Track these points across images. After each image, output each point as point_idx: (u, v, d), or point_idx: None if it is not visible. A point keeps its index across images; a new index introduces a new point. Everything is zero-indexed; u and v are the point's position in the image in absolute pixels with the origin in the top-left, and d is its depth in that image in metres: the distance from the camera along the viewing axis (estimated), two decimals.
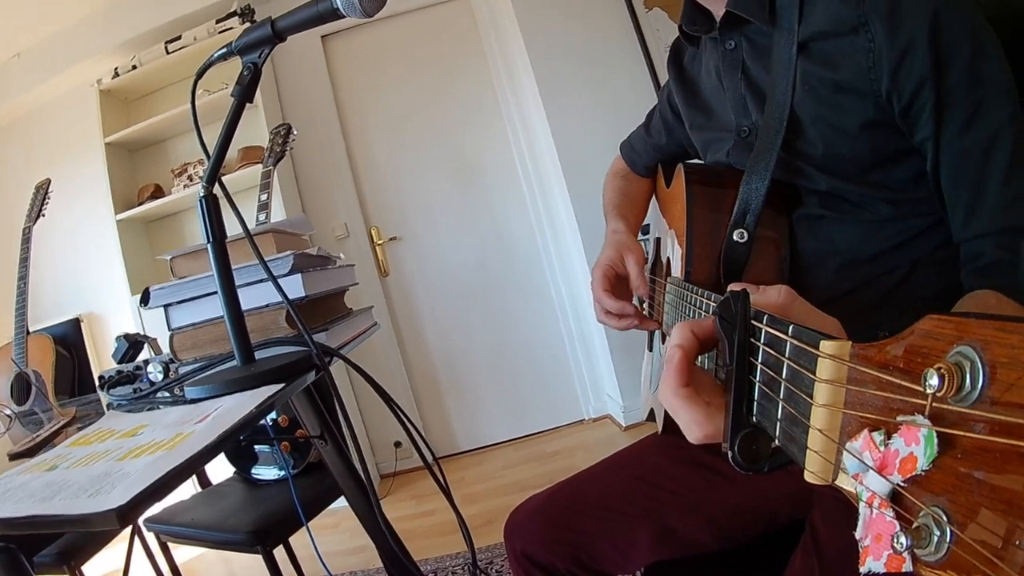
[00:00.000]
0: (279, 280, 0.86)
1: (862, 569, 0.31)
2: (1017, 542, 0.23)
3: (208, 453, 0.55)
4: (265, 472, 1.81)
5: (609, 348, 3.13)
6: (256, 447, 1.81)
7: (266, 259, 0.87)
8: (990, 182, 0.72)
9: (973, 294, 0.71)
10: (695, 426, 0.51)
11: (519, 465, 3.15)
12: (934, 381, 0.27)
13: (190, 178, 3.27)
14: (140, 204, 3.29)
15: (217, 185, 0.88)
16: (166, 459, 0.53)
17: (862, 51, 0.75)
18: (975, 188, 0.74)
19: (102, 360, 3.21)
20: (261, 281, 0.99)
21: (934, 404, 0.28)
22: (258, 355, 0.89)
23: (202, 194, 0.83)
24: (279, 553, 1.61)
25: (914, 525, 0.28)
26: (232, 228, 0.92)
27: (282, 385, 0.73)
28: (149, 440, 0.63)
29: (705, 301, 0.71)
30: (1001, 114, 0.72)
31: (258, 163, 2.58)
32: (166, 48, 3.21)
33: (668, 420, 0.98)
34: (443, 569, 2.24)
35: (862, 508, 0.32)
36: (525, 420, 3.52)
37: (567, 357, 3.51)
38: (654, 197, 1.27)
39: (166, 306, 1.06)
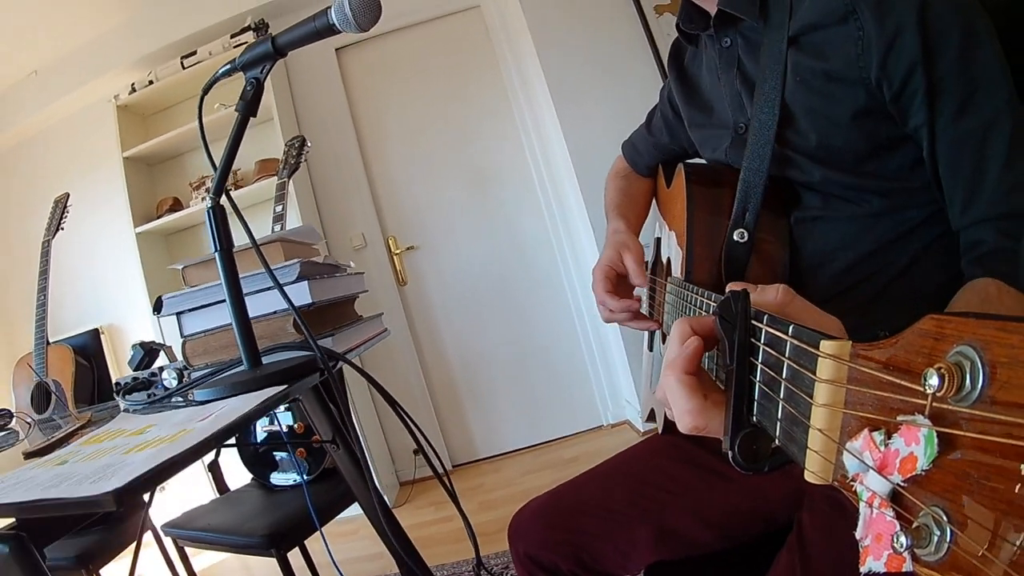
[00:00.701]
0: (286, 287, 0.88)
1: (862, 569, 0.31)
2: (1017, 542, 0.23)
3: (206, 445, 0.57)
4: (282, 478, 1.83)
5: (626, 353, 3.11)
6: (275, 454, 1.83)
7: (273, 267, 0.89)
8: (989, 168, 0.72)
9: (973, 283, 0.70)
10: (688, 415, 0.51)
11: (537, 471, 3.14)
12: (934, 381, 0.27)
13: (208, 191, 3.30)
14: (159, 217, 3.34)
15: (225, 197, 0.90)
16: (166, 450, 0.56)
17: (851, 39, 0.75)
18: (973, 175, 0.73)
19: (122, 370, 3.25)
20: (269, 288, 1.01)
21: (934, 404, 0.28)
22: (266, 360, 0.90)
23: (209, 205, 0.85)
24: (298, 560, 1.62)
25: (914, 525, 0.28)
26: (243, 238, 0.94)
27: (284, 386, 0.74)
28: (155, 436, 0.66)
29: (705, 301, 0.71)
30: (997, 99, 0.71)
31: (275, 175, 2.62)
32: (182, 63, 3.25)
33: (668, 420, 0.98)
34: (460, 574, 2.25)
35: (862, 508, 0.32)
36: (543, 426, 3.52)
37: (585, 363, 3.50)
38: (654, 197, 1.27)
39: (179, 314, 1.08)
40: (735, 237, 0.85)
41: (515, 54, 3.41)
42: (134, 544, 1.82)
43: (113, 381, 2.13)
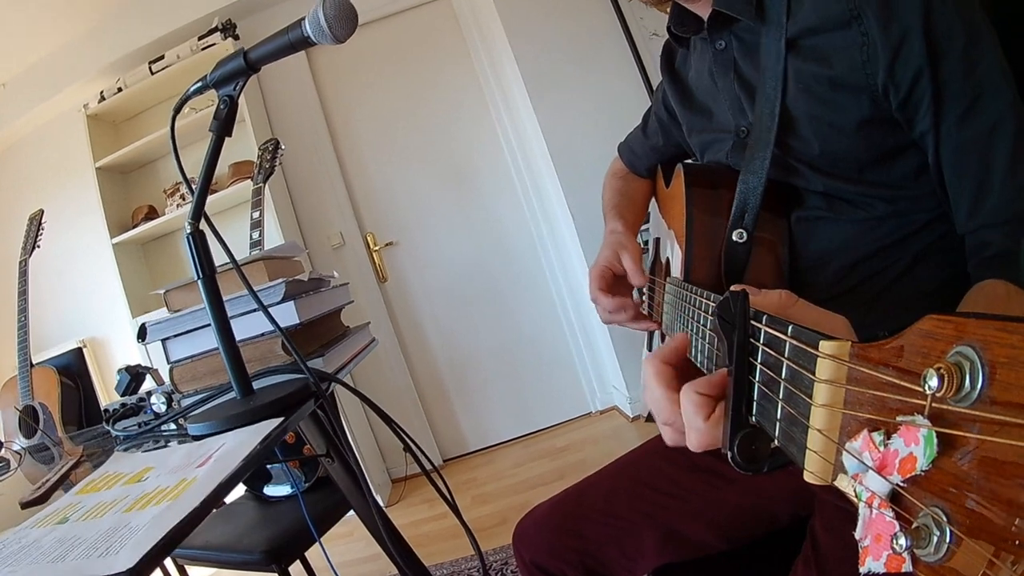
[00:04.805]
0: (272, 309, 0.86)
1: (862, 569, 0.31)
2: (1017, 542, 0.23)
3: (212, 500, 0.56)
4: (277, 490, 1.82)
5: (612, 340, 3.13)
6: (268, 465, 1.81)
7: (257, 288, 0.87)
8: (994, 172, 0.71)
9: (981, 284, 0.70)
10: (694, 434, 0.51)
11: (529, 462, 3.15)
12: (934, 381, 0.27)
13: (183, 197, 3.27)
14: (135, 226, 3.30)
15: (204, 220, 0.88)
16: (171, 511, 0.54)
17: (855, 45, 0.74)
18: (979, 179, 0.72)
19: (108, 386, 3.21)
20: (255, 311, 0.99)
21: (934, 404, 0.28)
22: (257, 385, 0.89)
23: (188, 231, 0.83)
24: (296, 567, 1.62)
25: (914, 525, 0.28)
26: (224, 256, 0.92)
27: (281, 419, 0.73)
28: (155, 487, 0.64)
29: (704, 301, 0.71)
30: (1001, 102, 0.71)
31: (249, 177, 2.58)
32: (150, 68, 3.20)
33: None
34: (458, 573, 2.24)
35: (862, 508, 0.32)
36: (532, 416, 3.53)
37: (570, 351, 3.51)
38: (653, 197, 1.27)
39: (164, 340, 1.05)
40: (734, 237, 0.84)
41: (486, 44, 3.39)
42: None
43: (100, 400, 2.11)
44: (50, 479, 0.89)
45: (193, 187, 0.86)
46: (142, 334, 1.03)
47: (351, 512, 1.61)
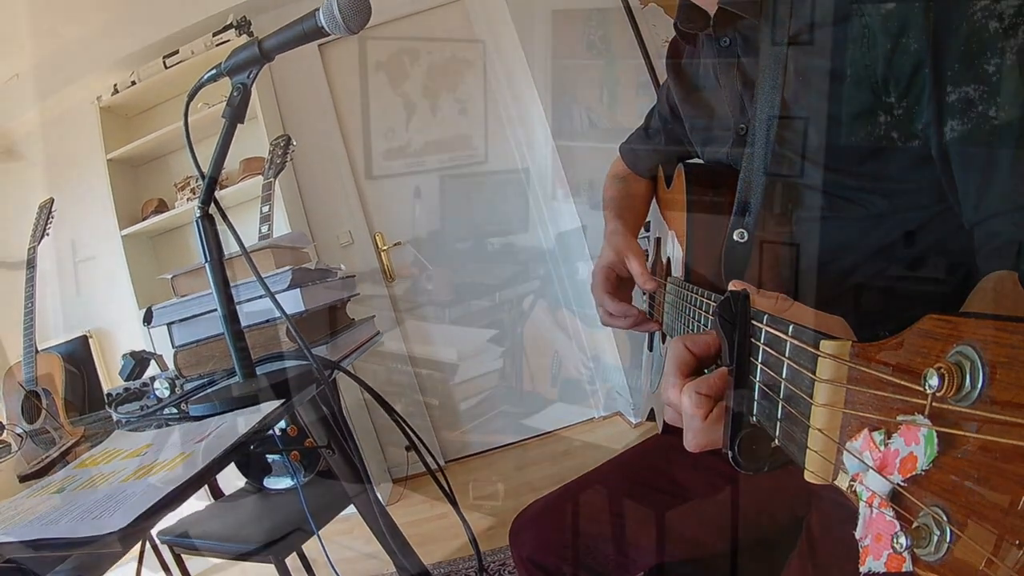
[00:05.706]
0: (278, 295, 0.86)
1: (862, 569, 0.31)
2: (1017, 542, 0.23)
3: (208, 472, 0.56)
4: (277, 482, 1.82)
5: (616, 345, 3.13)
6: (269, 457, 1.81)
7: (265, 275, 0.87)
8: (1000, 161, 0.69)
9: (989, 277, 0.69)
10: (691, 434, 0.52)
11: (530, 466, 3.14)
12: (934, 381, 0.27)
13: (193, 191, 3.28)
14: (144, 219, 3.31)
15: (214, 204, 0.88)
16: (167, 479, 0.54)
17: (856, 37, 0.73)
18: (985, 169, 0.71)
19: (112, 375, 3.22)
20: (261, 296, 0.99)
21: (934, 404, 0.28)
22: (260, 370, 0.89)
23: (198, 215, 0.83)
24: (294, 562, 1.62)
25: (914, 525, 0.28)
26: (233, 244, 0.93)
27: (282, 400, 0.73)
28: (153, 460, 0.64)
29: (705, 301, 0.71)
30: (1005, 91, 0.69)
31: (260, 174, 2.59)
32: (164, 63, 3.22)
33: (668, 420, 0.98)
34: (457, 572, 2.24)
35: (862, 508, 0.32)
36: (535, 420, 3.52)
37: (574, 356, 3.50)
38: (654, 198, 1.27)
39: (169, 324, 1.06)
40: (735, 237, 0.84)
41: (498, 46, 3.39)
42: (130, 554, 1.82)
43: (104, 388, 2.12)
44: (50, 455, 0.89)
45: (204, 172, 0.86)
46: (148, 317, 1.04)
47: (351, 509, 1.62)
